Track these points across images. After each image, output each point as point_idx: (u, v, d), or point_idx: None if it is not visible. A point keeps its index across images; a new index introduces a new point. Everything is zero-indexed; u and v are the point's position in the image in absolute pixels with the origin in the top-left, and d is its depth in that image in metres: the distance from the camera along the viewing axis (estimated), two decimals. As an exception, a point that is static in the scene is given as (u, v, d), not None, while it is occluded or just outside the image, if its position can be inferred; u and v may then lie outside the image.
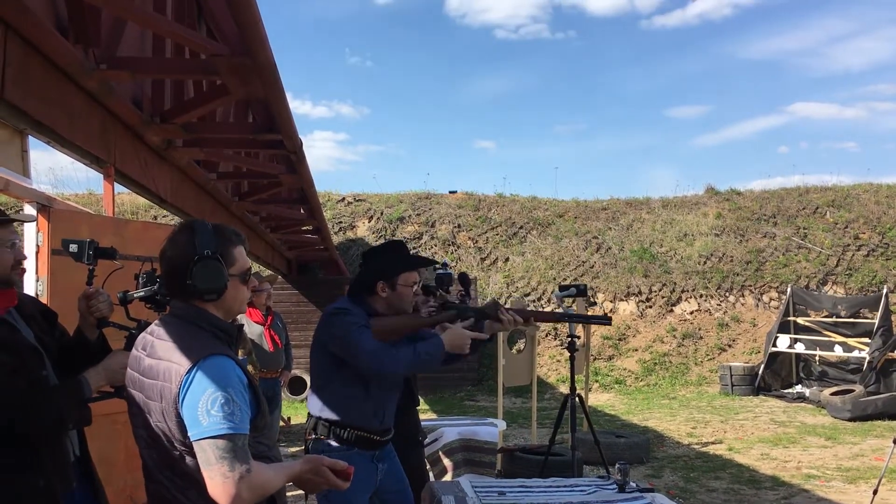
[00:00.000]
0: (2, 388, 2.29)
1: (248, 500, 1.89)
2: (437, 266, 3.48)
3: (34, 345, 2.48)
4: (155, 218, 16.08)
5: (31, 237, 4.34)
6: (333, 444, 3.16)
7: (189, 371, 1.92)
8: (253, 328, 6.89)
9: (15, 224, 2.59)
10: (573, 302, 10.97)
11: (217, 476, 1.86)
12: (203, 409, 1.87)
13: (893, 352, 12.13)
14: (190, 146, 6.08)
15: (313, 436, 3.22)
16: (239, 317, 2.33)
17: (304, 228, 11.81)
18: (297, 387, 13.19)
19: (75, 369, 2.55)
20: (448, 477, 5.99)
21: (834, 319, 14.33)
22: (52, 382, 2.47)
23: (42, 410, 2.35)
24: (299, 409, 12.09)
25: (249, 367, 6.53)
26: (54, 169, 32.27)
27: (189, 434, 1.89)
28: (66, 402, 2.43)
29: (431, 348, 3.08)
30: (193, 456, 1.90)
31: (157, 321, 2.17)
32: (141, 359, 2.08)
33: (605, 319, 3.63)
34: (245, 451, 1.90)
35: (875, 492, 5.86)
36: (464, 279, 3.71)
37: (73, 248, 2.75)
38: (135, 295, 2.71)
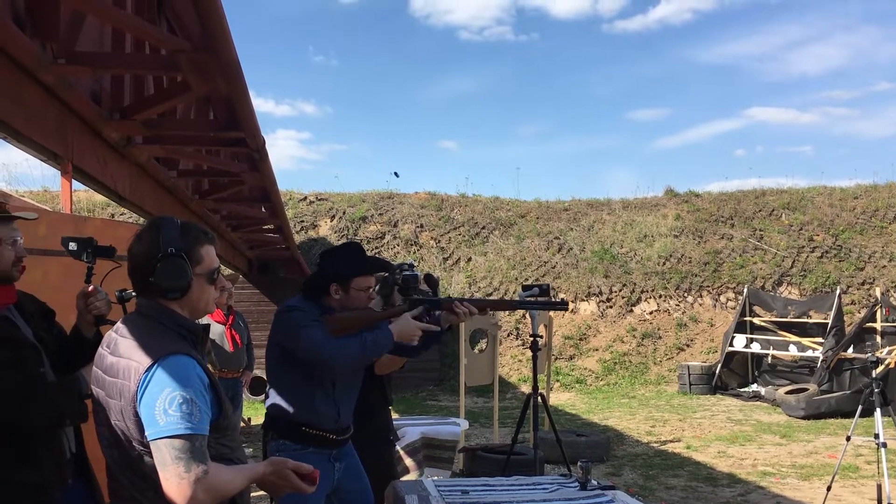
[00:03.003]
0: (1, 383, 2.33)
1: (205, 502, 1.86)
2: (405, 267, 3.46)
3: (33, 342, 2.52)
4: (112, 216, 15.81)
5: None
6: (288, 443, 3.14)
7: (148, 369, 1.89)
8: (214, 328, 6.81)
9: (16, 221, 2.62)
10: (531, 306, 11.01)
11: (173, 477, 1.82)
12: (160, 409, 1.84)
13: (846, 351, 12.41)
14: (150, 143, 5.98)
15: (270, 435, 3.21)
16: (200, 316, 2.37)
17: (266, 227, 11.70)
18: (256, 387, 13.05)
19: (72, 367, 2.57)
20: (411, 476, 5.99)
21: (789, 319, 14.61)
22: (49, 379, 2.50)
23: (40, 406, 2.39)
24: (259, 410, 11.97)
25: (208, 367, 6.46)
26: (8, 165, 31.57)
27: (146, 433, 1.86)
28: (63, 398, 2.46)
29: (379, 337, 3.06)
30: (152, 456, 1.87)
31: (122, 318, 2.14)
32: (104, 356, 2.05)
33: (562, 305, 3.65)
34: (203, 452, 1.87)
35: (829, 488, 5.99)
36: (430, 280, 3.70)
37: (73, 246, 2.77)
38: (132, 293, 2.71)
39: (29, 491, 2.38)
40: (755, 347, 14.51)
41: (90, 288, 2.70)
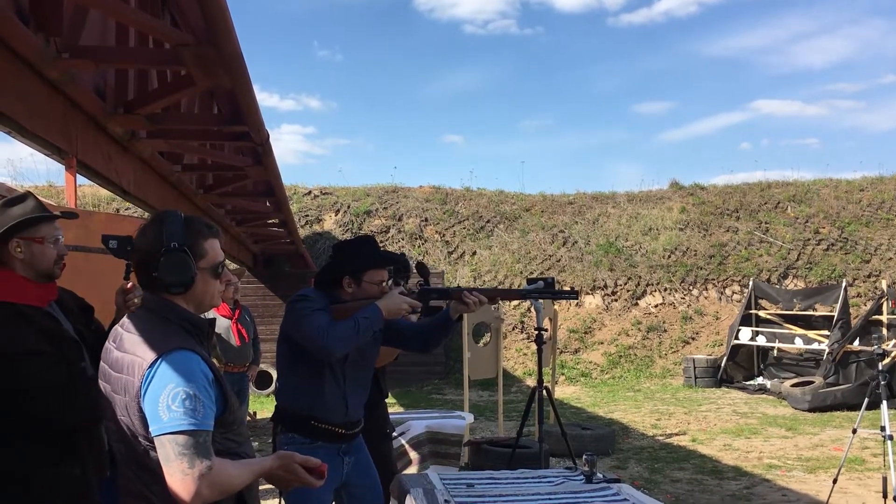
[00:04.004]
0: (44, 378, 2.41)
1: (209, 498, 1.86)
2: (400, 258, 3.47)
3: (74, 337, 2.59)
4: (117, 210, 15.84)
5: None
6: (297, 436, 3.14)
7: (152, 365, 1.89)
8: (220, 322, 6.83)
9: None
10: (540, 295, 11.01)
11: (176, 472, 1.83)
12: (164, 404, 1.84)
13: (852, 344, 12.38)
14: (154, 137, 5.99)
15: (279, 428, 3.21)
16: (206, 311, 2.39)
17: (271, 222, 11.71)
18: (262, 381, 13.09)
19: None
20: (413, 469, 6.00)
21: (794, 312, 14.58)
22: (89, 374, 2.55)
23: (81, 400, 2.46)
24: (265, 404, 12.01)
25: (213, 361, 6.48)
26: (13, 160, 31.60)
27: (150, 429, 1.87)
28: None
29: (369, 314, 3.05)
30: (157, 451, 1.87)
31: (129, 314, 2.14)
32: (111, 350, 2.05)
33: (571, 294, 3.64)
34: (207, 447, 1.87)
35: (835, 481, 5.99)
36: (421, 268, 3.70)
37: (113, 243, 2.85)
38: None
39: (71, 484, 2.46)
40: (760, 340, 14.49)
41: (129, 285, 2.77)
